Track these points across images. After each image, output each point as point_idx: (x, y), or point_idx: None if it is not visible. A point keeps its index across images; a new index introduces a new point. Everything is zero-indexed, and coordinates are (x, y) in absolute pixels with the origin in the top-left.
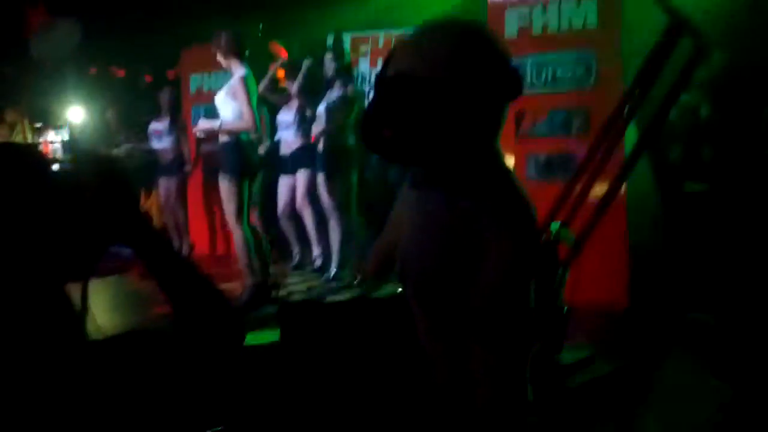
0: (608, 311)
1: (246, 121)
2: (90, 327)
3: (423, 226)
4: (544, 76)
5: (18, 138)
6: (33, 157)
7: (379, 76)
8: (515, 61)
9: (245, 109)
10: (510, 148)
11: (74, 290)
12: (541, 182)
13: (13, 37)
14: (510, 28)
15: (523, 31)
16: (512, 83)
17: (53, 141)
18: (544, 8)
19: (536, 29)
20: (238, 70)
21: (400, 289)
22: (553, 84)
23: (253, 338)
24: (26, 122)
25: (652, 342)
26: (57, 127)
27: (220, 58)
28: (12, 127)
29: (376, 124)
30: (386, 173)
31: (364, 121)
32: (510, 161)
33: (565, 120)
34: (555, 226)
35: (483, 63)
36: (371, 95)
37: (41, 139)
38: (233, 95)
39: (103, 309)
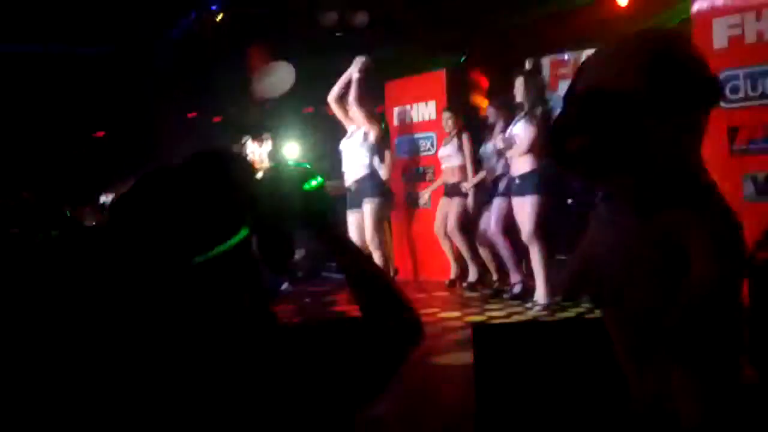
0: None
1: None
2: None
3: (618, 243)
4: (760, 88)
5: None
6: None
7: (568, 91)
8: (726, 73)
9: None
10: (723, 167)
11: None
12: (760, 203)
13: (240, 79)
14: (719, 39)
15: (735, 42)
16: (709, 90)
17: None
18: (758, 15)
19: (749, 38)
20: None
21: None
22: None
23: (444, 359)
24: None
25: None
26: (261, 140)
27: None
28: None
29: (564, 136)
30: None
31: (552, 134)
32: (723, 181)
33: None
34: None
35: (676, 71)
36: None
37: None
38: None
39: None
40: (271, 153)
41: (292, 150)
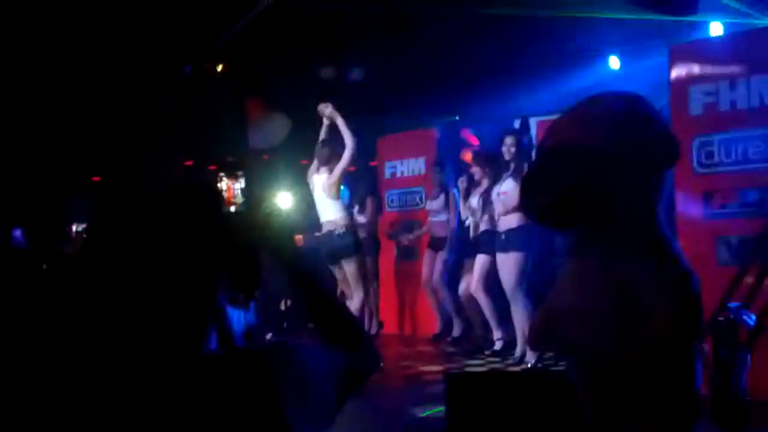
0: None
1: None
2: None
3: (581, 295)
4: (733, 154)
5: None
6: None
7: (538, 147)
8: (701, 139)
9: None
10: (698, 232)
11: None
12: (734, 266)
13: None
14: (695, 106)
15: (709, 108)
16: (669, 150)
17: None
18: (732, 84)
19: (723, 106)
20: None
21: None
22: (744, 162)
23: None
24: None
25: None
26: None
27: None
28: None
29: (533, 191)
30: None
31: (522, 188)
32: (698, 245)
33: (759, 199)
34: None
35: (637, 131)
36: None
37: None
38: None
39: None
40: (244, 190)
41: (285, 200)
